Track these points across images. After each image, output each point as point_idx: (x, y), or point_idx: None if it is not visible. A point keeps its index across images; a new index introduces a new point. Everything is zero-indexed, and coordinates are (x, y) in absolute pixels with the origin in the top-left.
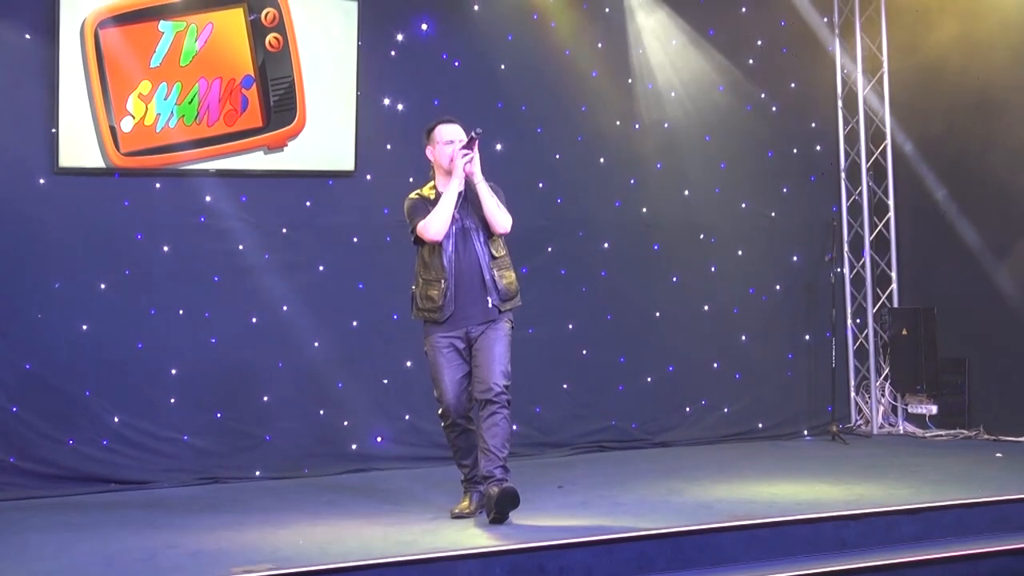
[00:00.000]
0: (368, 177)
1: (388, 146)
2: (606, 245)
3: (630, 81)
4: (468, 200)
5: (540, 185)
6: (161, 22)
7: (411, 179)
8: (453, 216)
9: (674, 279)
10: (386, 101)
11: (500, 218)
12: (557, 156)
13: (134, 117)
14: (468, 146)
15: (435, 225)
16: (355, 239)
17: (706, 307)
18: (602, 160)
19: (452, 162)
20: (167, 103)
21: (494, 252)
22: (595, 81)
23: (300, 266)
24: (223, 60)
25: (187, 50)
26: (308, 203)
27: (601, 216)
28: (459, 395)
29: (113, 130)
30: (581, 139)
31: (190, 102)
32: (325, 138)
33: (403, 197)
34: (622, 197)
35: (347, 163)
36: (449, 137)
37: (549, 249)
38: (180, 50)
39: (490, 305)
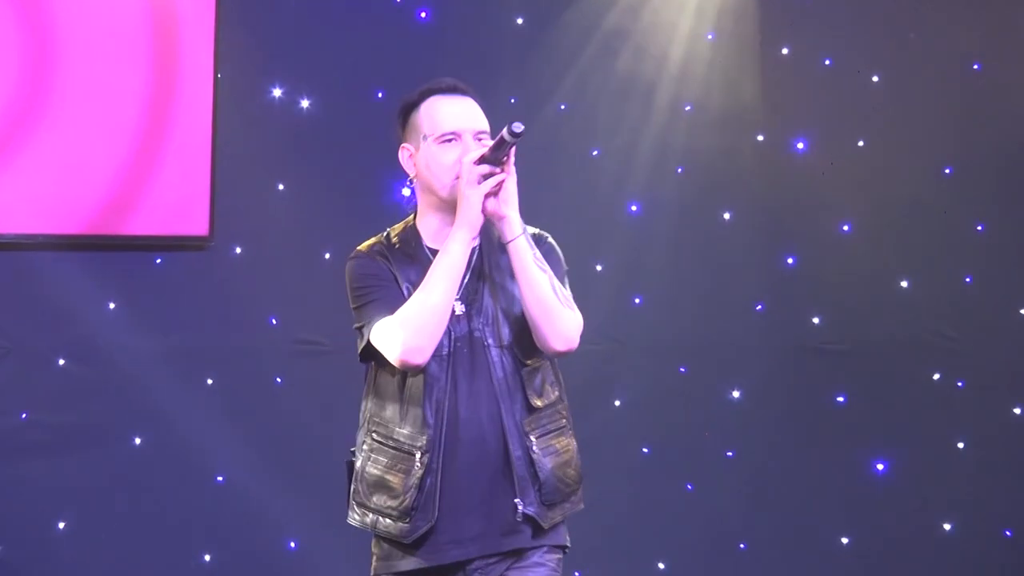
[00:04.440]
0: (237, 251)
1: (280, 186)
2: (736, 394)
3: (785, 51)
4: (483, 273)
5: (598, 268)
6: None
7: (327, 255)
8: (453, 310)
9: (880, 466)
10: (276, 92)
11: (560, 320)
12: (634, 208)
13: None
14: (495, 158)
15: (416, 326)
16: (209, 380)
17: (946, 526)
18: (727, 216)
19: (460, 185)
20: None
21: (533, 397)
22: (713, 51)
23: (98, 434)
24: None
25: None
26: (112, 304)
27: (728, 332)
28: None
29: None
30: (682, 171)
31: None
32: (143, 170)
33: (312, 286)
34: (769, 292)
35: (195, 222)
36: (454, 126)
37: (617, 403)
38: None
39: (519, 514)
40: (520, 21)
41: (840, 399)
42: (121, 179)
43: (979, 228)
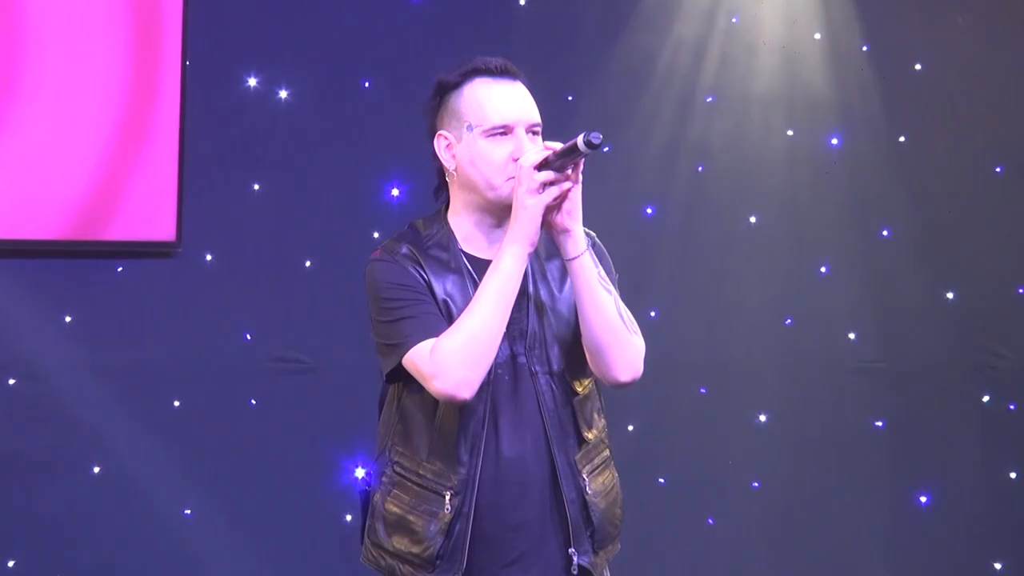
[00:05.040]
0: (208, 258)
1: (256, 185)
2: (763, 418)
3: (818, 36)
4: (525, 288)
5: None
6: None
7: (308, 263)
8: None
9: (923, 498)
10: (252, 81)
11: (629, 347)
12: (648, 210)
13: None
14: (559, 165)
15: (465, 357)
16: (176, 402)
17: (997, 565)
18: (753, 219)
19: (517, 192)
20: None
21: (584, 429)
22: (738, 36)
23: (52, 462)
24: None
25: None
26: (68, 318)
27: (754, 349)
28: None
29: None
30: (703, 169)
31: None
32: (103, 168)
33: (292, 298)
34: (799, 305)
35: (161, 226)
36: (507, 118)
37: (629, 429)
38: None
39: (574, 566)
40: (523, 2)
41: (879, 424)
42: (78, 179)
43: None
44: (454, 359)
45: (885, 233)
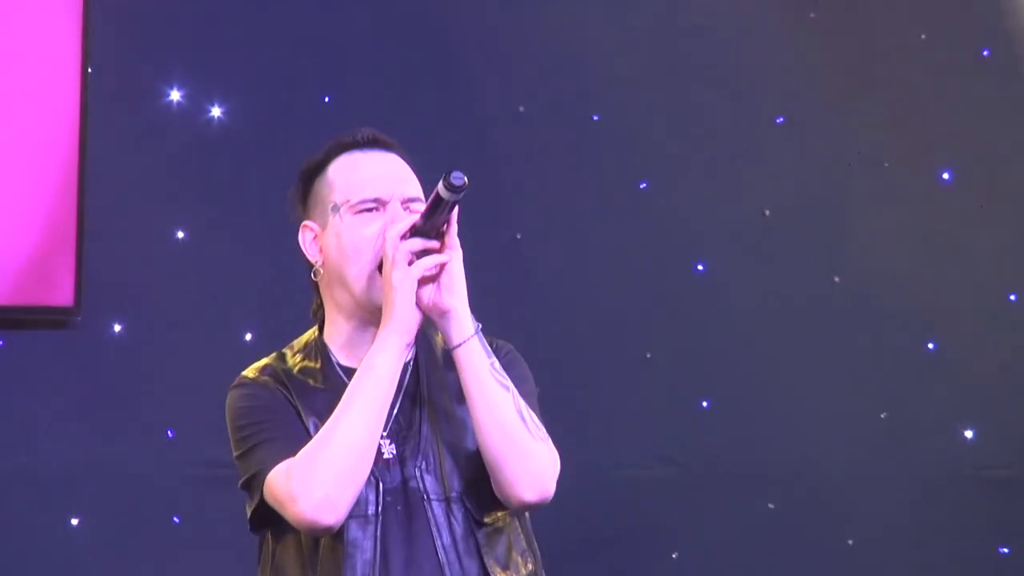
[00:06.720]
0: (116, 329)
1: (180, 233)
2: (851, 542)
3: (923, 37)
4: (419, 397)
5: (647, 355)
6: None
7: (248, 336)
8: (379, 451)
9: None
10: (175, 95)
11: (530, 457)
12: (700, 267)
13: None
14: (430, 228)
15: (326, 471)
16: (75, 520)
17: None
18: (838, 279)
19: (384, 270)
20: None
21: (495, 569)
22: (817, 37)
23: None
24: None
25: None
26: None
27: (838, 451)
28: None
29: None
30: (771, 214)
31: None
32: None
33: (226, 382)
34: (899, 392)
35: (55, 287)
36: (377, 190)
37: (674, 556)
38: None
39: None
40: None
41: (1005, 550)
42: None
43: None
44: (315, 476)
45: (1012, 297)
